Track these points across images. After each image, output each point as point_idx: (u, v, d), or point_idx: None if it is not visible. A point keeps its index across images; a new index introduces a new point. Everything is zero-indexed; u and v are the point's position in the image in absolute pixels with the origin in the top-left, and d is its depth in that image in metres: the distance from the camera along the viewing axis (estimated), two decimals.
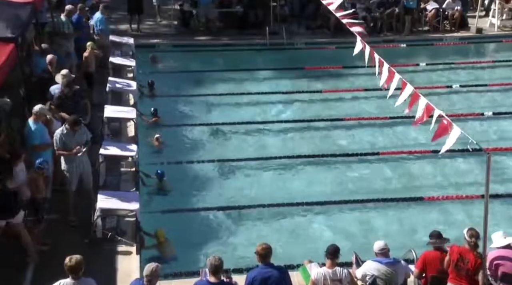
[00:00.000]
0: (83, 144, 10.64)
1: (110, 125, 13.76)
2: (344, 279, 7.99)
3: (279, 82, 18.21)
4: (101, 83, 15.67)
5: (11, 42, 11.96)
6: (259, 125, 15.39)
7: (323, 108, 16.57)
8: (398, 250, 9.16)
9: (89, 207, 10.63)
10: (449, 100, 16.91)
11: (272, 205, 11.95)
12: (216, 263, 7.47)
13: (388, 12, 21.78)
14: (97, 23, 17.57)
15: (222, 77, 18.41)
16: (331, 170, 13.51)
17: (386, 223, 11.64)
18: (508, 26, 22.46)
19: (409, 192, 12.56)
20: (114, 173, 12.22)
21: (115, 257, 9.86)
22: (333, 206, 12.04)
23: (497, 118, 15.95)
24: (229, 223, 11.57)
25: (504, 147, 14.20)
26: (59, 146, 10.59)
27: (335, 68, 19.14)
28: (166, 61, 19.28)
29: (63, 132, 10.58)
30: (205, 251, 10.38)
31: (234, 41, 20.90)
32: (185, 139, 14.73)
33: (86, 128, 11.17)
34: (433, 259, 8.38)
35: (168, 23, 22.41)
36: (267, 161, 13.68)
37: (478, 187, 12.12)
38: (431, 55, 20.75)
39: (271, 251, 7.81)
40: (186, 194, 12.35)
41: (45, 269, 9.16)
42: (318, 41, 21.19)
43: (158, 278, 7.42)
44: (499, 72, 19.35)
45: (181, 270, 9.68)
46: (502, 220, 11.32)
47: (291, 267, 9.26)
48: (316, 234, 11.27)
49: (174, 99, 16.67)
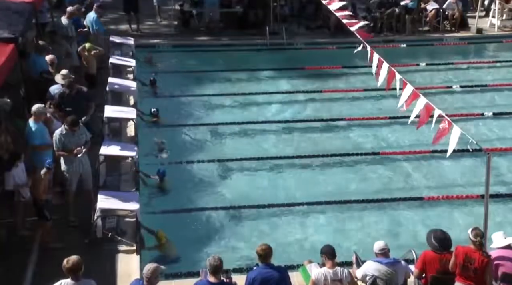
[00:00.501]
0: (83, 145, 10.65)
1: (110, 125, 13.76)
2: (345, 279, 7.99)
3: (279, 82, 18.22)
4: (101, 83, 15.67)
5: (11, 43, 11.97)
6: (259, 125, 15.38)
7: (323, 108, 16.57)
8: (398, 250, 9.17)
9: (89, 207, 10.63)
10: (449, 101, 16.90)
11: (272, 205, 11.95)
12: (215, 263, 7.47)
13: (388, 12, 21.78)
14: (92, 23, 17.54)
15: (222, 77, 18.41)
16: (331, 170, 13.51)
17: (386, 223, 11.64)
18: (508, 26, 22.47)
19: (409, 192, 12.57)
20: (114, 173, 12.21)
21: (115, 257, 9.85)
22: (333, 206, 12.03)
23: (497, 119, 15.94)
24: (229, 223, 11.57)
25: (504, 148, 14.21)
26: (58, 147, 10.59)
27: (335, 68, 19.14)
28: (162, 61, 19.25)
29: (62, 133, 10.59)
30: (205, 251, 10.36)
31: (234, 41, 20.91)
32: (185, 139, 14.73)
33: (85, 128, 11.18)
34: (433, 259, 8.38)
35: (168, 23, 22.41)
36: (267, 161, 13.67)
37: (478, 187, 12.11)
38: (431, 55, 20.76)
39: (271, 252, 7.83)
40: (186, 194, 12.35)
41: (45, 270, 9.15)
42: (318, 41, 21.18)
43: (158, 278, 7.41)
44: (499, 73, 19.35)
45: (182, 271, 9.68)
46: (502, 220, 11.33)
47: (291, 267, 9.26)
48: (316, 234, 11.25)
49: (174, 99, 16.66)
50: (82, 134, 10.79)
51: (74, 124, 10.60)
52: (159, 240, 10.43)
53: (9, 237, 10.14)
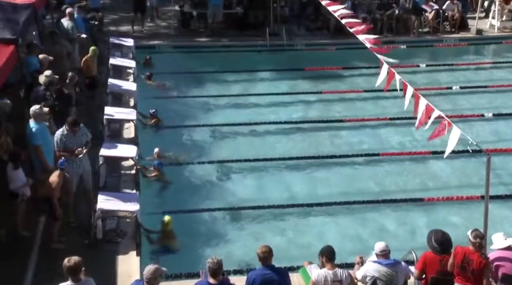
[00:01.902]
0: (84, 145, 10.65)
1: (110, 126, 13.76)
2: (345, 280, 7.99)
3: (279, 83, 18.22)
4: (101, 84, 15.68)
5: (11, 43, 11.97)
6: (259, 126, 15.37)
7: (323, 109, 16.58)
8: (398, 251, 9.16)
9: (89, 208, 10.63)
10: (449, 101, 16.90)
11: (272, 206, 11.95)
12: (215, 264, 7.47)
13: (388, 14, 21.81)
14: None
15: (222, 78, 18.42)
16: (332, 171, 13.51)
17: (386, 224, 11.63)
18: (508, 27, 22.50)
19: (409, 193, 12.57)
20: (114, 174, 12.22)
21: (115, 258, 9.84)
22: (333, 208, 12.03)
23: (497, 119, 15.95)
24: (230, 224, 11.57)
25: (504, 148, 14.21)
26: (59, 147, 10.59)
27: (335, 69, 19.15)
28: (163, 61, 19.22)
29: (63, 133, 10.59)
30: (206, 252, 10.35)
31: (234, 42, 20.92)
32: (185, 140, 14.72)
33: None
34: (433, 260, 8.38)
35: (168, 24, 22.41)
36: (267, 162, 13.66)
37: (478, 188, 12.10)
38: (431, 56, 20.78)
39: (271, 254, 7.85)
40: (186, 195, 12.34)
41: (46, 270, 9.15)
42: (318, 42, 21.20)
43: (158, 279, 7.40)
44: (499, 74, 19.36)
45: (182, 272, 9.67)
46: (502, 221, 11.32)
47: (292, 268, 9.25)
48: (317, 236, 11.24)
49: (174, 100, 16.66)
50: (83, 135, 10.79)
51: (75, 124, 10.60)
52: (166, 225, 10.43)
53: (9, 237, 10.16)
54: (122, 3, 23.60)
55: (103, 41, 18.86)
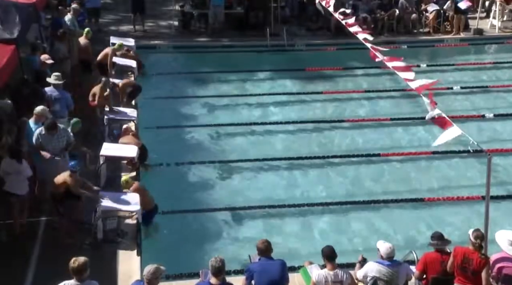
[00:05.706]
0: (63, 148, 10.74)
1: (111, 126, 13.75)
2: (345, 280, 7.98)
3: (279, 84, 18.20)
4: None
5: (12, 43, 11.97)
6: (260, 126, 15.37)
7: (324, 110, 16.57)
8: (398, 251, 9.14)
9: (89, 209, 10.63)
10: (450, 102, 16.89)
11: (273, 207, 11.95)
12: (218, 264, 7.47)
13: (389, 13, 21.79)
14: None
15: (222, 78, 18.40)
16: (332, 171, 13.50)
17: (387, 224, 11.62)
18: (509, 27, 22.46)
19: (410, 194, 12.56)
20: (115, 174, 12.21)
21: (116, 259, 9.85)
22: (334, 208, 12.03)
23: (498, 120, 15.94)
24: (230, 224, 11.57)
25: (505, 149, 14.19)
26: (37, 144, 10.73)
27: (336, 70, 19.13)
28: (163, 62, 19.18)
29: (41, 133, 10.71)
30: (206, 252, 10.33)
31: (235, 42, 20.91)
32: (186, 140, 14.72)
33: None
34: (433, 260, 8.37)
35: (168, 24, 22.40)
36: (268, 162, 13.66)
37: (479, 188, 12.10)
38: (431, 56, 20.75)
39: (270, 246, 8.09)
40: (186, 195, 12.33)
41: (46, 270, 9.15)
42: (319, 42, 21.16)
43: (158, 279, 7.40)
44: (500, 74, 19.34)
45: (182, 272, 9.67)
46: (502, 221, 11.30)
47: (292, 268, 9.23)
48: (318, 236, 11.26)
49: (174, 100, 16.65)
50: (63, 137, 10.83)
51: (51, 128, 10.67)
52: (126, 184, 10.70)
53: (9, 237, 10.16)
54: (122, 3, 23.59)
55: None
